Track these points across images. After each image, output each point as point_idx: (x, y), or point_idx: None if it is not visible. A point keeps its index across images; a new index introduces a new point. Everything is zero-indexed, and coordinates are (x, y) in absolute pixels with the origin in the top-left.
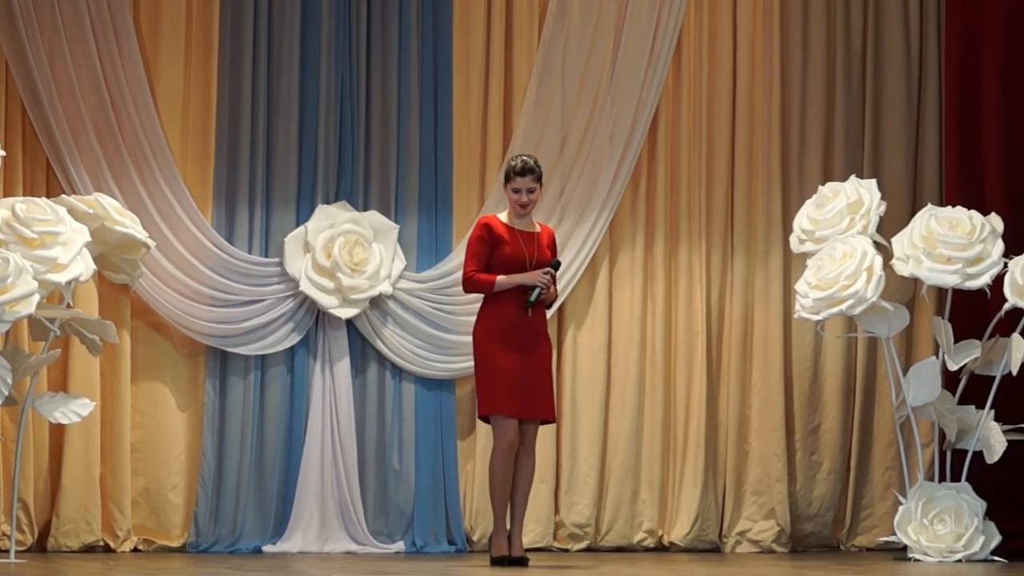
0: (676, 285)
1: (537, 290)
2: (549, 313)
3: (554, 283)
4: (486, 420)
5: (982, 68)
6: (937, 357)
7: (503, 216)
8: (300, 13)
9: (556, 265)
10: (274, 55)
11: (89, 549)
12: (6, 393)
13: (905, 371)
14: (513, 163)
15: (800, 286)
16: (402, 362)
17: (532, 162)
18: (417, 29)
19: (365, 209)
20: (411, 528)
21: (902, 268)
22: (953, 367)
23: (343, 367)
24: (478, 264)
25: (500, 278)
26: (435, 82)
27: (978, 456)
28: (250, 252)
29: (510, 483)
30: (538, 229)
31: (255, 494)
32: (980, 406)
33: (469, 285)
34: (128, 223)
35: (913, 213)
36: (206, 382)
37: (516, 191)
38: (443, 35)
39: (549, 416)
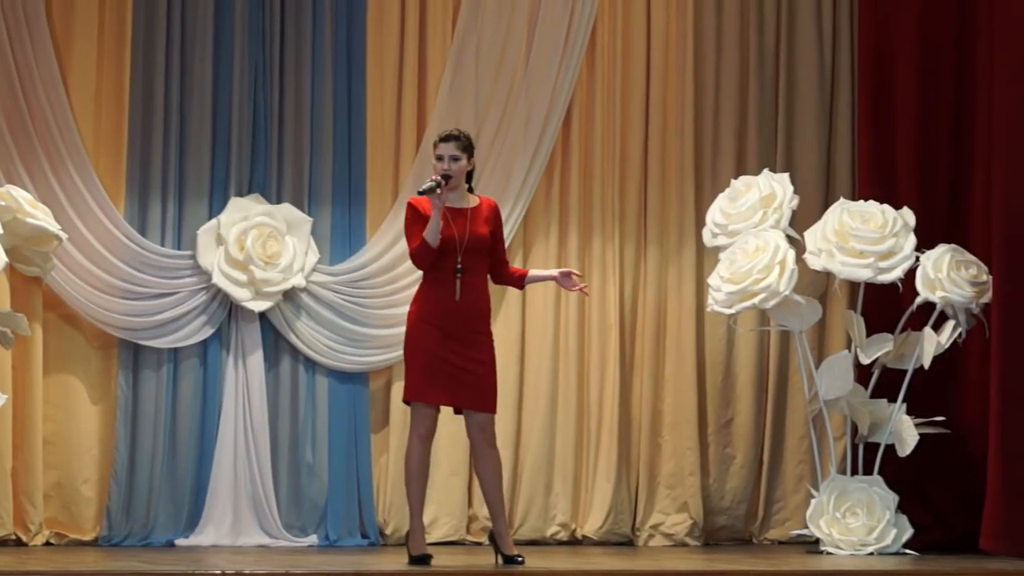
0: (590, 278)
1: (430, 185)
2: None
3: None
4: (409, 404)
5: (895, 62)
6: (849, 351)
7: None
8: (213, 6)
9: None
10: (187, 46)
11: (0, 543)
12: None
13: (818, 364)
14: (439, 133)
15: (713, 280)
16: (315, 355)
17: (458, 131)
18: (331, 20)
19: (278, 202)
20: (324, 522)
21: (815, 262)
22: (865, 361)
23: (256, 360)
24: (419, 236)
25: (424, 235)
26: (349, 74)
27: (890, 449)
28: (163, 244)
29: (425, 476)
30: (474, 204)
31: (168, 487)
32: (892, 400)
33: (416, 258)
34: (40, 215)
35: (826, 207)
36: (119, 375)
37: (439, 158)
38: (357, 26)
39: (482, 407)
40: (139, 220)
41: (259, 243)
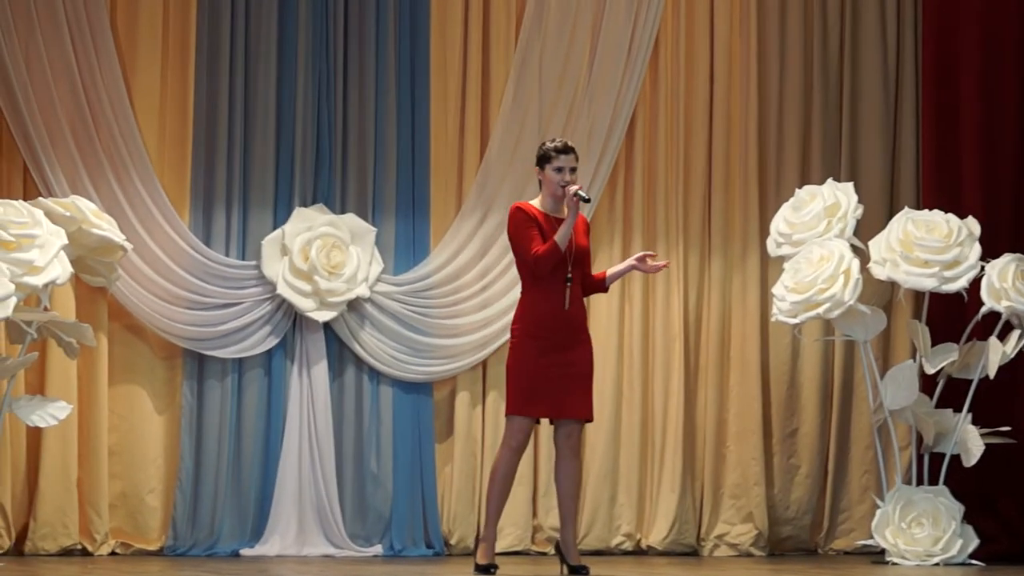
0: (654, 288)
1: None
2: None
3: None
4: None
5: (959, 71)
6: (914, 360)
7: (535, 202)
8: (277, 16)
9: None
10: (251, 57)
11: (67, 552)
12: None
13: (882, 374)
14: (552, 143)
15: (777, 289)
16: (380, 365)
17: (570, 142)
18: (394, 31)
19: (342, 212)
20: (389, 531)
21: (879, 271)
22: (930, 370)
23: (320, 370)
24: (538, 240)
25: (555, 238)
26: (412, 84)
27: (956, 459)
28: (227, 255)
29: (509, 487)
30: None
31: (233, 497)
32: (957, 409)
33: (539, 262)
34: (105, 226)
35: (890, 216)
36: (183, 385)
37: (559, 170)
38: (420, 37)
39: (583, 415)
40: (203, 230)
41: (323, 253)
